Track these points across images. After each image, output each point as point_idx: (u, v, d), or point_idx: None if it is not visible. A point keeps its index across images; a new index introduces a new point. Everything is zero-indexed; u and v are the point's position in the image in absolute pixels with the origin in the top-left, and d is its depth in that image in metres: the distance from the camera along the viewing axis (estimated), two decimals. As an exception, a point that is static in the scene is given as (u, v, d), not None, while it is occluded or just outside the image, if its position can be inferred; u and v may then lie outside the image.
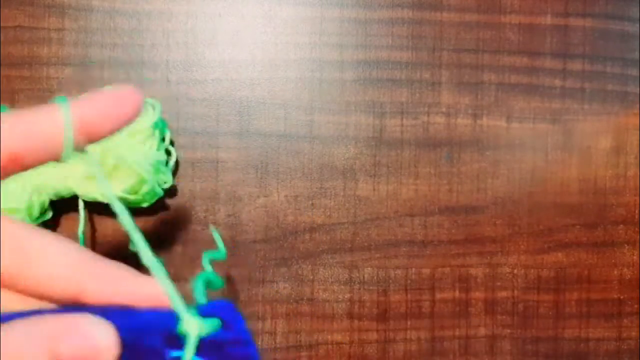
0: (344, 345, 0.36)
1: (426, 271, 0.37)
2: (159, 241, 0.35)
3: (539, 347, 0.38)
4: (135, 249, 0.18)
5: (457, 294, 0.38)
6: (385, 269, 0.37)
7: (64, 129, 0.18)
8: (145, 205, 0.33)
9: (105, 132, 0.19)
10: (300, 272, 0.36)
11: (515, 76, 0.38)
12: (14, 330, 0.16)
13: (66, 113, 0.18)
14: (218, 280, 0.21)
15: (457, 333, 0.38)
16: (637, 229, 0.39)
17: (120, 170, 0.32)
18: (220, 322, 0.18)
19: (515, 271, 0.38)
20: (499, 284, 0.38)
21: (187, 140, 0.35)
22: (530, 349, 0.38)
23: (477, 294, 0.38)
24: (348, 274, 0.37)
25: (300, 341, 0.36)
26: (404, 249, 0.37)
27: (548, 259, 0.38)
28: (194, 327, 0.17)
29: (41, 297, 0.19)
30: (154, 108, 0.33)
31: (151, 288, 0.19)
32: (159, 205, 0.35)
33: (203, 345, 0.18)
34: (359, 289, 0.37)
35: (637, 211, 0.39)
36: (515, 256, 0.38)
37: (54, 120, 0.18)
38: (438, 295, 0.37)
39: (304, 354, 0.36)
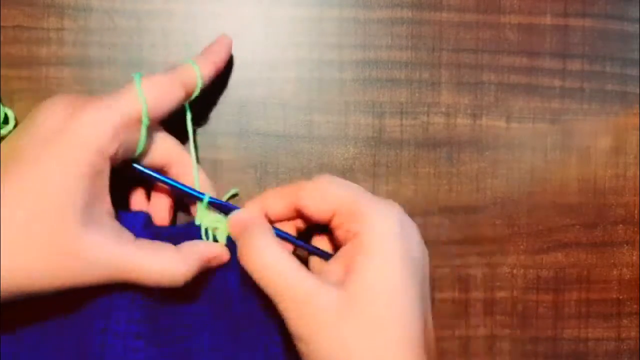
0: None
1: (425, 271, 0.37)
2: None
3: (538, 347, 0.38)
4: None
5: (456, 294, 0.38)
6: (385, 269, 0.37)
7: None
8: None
9: (219, 65, 0.32)
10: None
11: (514, 76, 0.38)
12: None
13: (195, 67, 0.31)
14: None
15: (456, 333, 0.38)
16: (636, 229, 0.39)
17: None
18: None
19: (515, 271, 0.38)
20: (498, 284, 0.38)
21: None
22: (529, 349, 0.38)
23: (476, 294, 0.38)
24: (347, 274, 0.36)
25: (299, 341, 0.36)
26: (403, 249, 0.37)
27: (547, 259, 0.38)
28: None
29: None
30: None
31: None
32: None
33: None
34: (358, 289, 0.37)
35: (636, 211, 0.39)
36: (515, 256, 0.38)
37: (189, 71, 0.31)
38: (437, 295, 0.37)
39: (303, 353, 0.36)
